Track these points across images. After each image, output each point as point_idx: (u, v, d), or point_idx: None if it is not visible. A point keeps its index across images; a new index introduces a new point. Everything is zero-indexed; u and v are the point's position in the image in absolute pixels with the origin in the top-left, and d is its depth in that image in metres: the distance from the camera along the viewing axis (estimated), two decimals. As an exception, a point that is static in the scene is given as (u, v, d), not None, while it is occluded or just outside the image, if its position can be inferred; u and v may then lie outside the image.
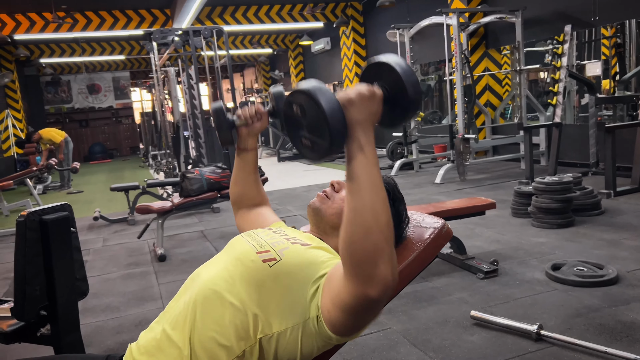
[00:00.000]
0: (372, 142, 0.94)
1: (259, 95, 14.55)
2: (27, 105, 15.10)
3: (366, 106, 0.93)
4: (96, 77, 17.32)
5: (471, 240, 3.87)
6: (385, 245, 0.89)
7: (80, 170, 12.91)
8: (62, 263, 1.82)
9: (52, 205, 1.84)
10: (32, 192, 7.24)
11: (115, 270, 3.94)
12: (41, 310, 1.79)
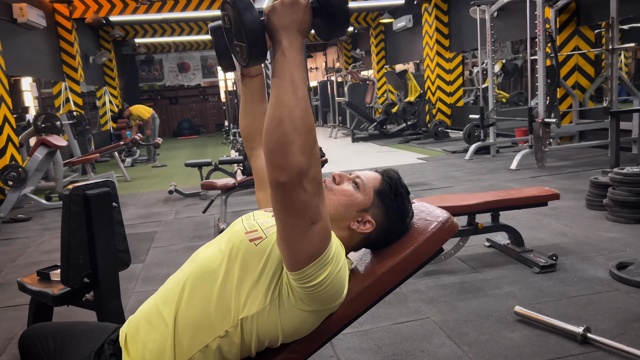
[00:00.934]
0: (296, 46, 0.99)
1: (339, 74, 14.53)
2: (123, 82, 16.15)
3: (288, 12, 0.99)
4: (186, 56, 18.12)
5: (535, 231, 3.66)
6: (296, 137, 0.95)
7: (168, 145, 13.72)
8: (103, 235, 1.96)
9: (96, 181, 1.98)
10: (119, 165, 7.78)
11: (179, 242, 4.16)
12: (84, 278, 1.95)
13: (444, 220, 1.26)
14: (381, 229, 1.27)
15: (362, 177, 1.30)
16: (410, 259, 1.23)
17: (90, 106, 12.53)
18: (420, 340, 2.29)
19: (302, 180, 0.96)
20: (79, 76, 10.32)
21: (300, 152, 0.95)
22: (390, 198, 1.27)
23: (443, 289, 2.83)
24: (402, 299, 2.74)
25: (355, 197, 1.26)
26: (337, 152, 9.46)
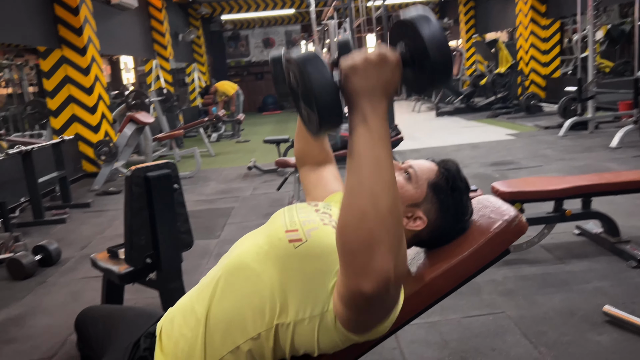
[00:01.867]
0: (380, 114, 0.82)
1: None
2: (212, 59, 16.63)
3: (374, 73, 0.81)
4: (271, 31, 18.28)
5: (634, 219, 3.29)
6: (384, 234, 0.78)
7: (252, 120, 14.00)
8: (164, 216, 1.97)
9: (157, 163, 1.98)
10: (204, 140, 8.03)
11: (253, 219, 4.21)
12: (147, 258, 1.98)
13: (511, 219, 1.09)
14: (434, 227, 1.13)
15: (416, 167, 1.16)
16: (468, 263, 1.09)
17: (180, 83, 13.05)
18: (492, 337, 2.12)
19: (389, 286, 0.80)
20: (168, 54, 10.73)
21: (389, 252, 0.78)
22: (446, 193, 1.13)
23: (522, 280, 2.61)
24: (476, 290, 2.56)
25: (405, 189, 1.13)
26: (419, 127, 9.15)
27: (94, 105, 6.70)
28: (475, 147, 6.61)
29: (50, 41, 6.40)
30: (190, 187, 5.71)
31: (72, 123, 6.71)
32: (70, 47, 6.56)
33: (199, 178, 6.19)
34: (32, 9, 6.02)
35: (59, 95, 6.63)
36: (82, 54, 6.58)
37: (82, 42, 6.56)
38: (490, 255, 1.09)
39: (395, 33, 0.88)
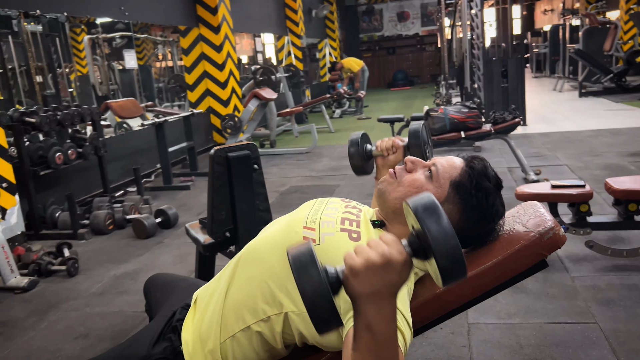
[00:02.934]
0: (386, 317, 0.75)
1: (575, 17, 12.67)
2: (344, 34, 16.77)
3: (377, 277, 0.73)
4: (406, 4, 17.87)
5: None
6: None
7: (379, 96, 13.94)
8: (243, 194, 2.09)
9: (239, 144, 2.10)
10: (325, 117, 8.21)
11: (355, 197, 4.20)
12: (226, 232, 2.12)
13: (544, 231, 1.00)
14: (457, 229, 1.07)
15: (439, 164, 1.12)
16: (492, 273, 1.02)
17: (311, 58, 13.37)
18: (575, 349, 1.95)
19: None
20: (300, 30, 11.04)
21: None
22: (470, 193, 1.07)
23: (628, 290, 2.34)
24: (570, 294, 2.36)
25: (425, 188, 1.09)
26: (557, 108, 8.42)
27: (225, 81, 7.17)
28: (615, 134, 5.93)
29: (189, 20, 6.94)
30: (304, 162, 5.91)
31: (206, 97, 7.26)
32: (206, 26, 7.06)
33: (314, 154, 6.37)
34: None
35: (195, 70, 7.20)
36: (216, 32, 7.05)
37: (217, 21, 7.02)
38: (517, 268, 1.02)
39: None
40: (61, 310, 2.68)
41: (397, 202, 1.11)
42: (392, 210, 1.13)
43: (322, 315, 0.72)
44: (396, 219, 1.12)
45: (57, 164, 3.89)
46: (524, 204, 1.16)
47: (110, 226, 3.88)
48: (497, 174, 1.13)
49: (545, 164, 4.78)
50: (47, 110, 4.00)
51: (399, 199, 1.11)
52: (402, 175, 1.14)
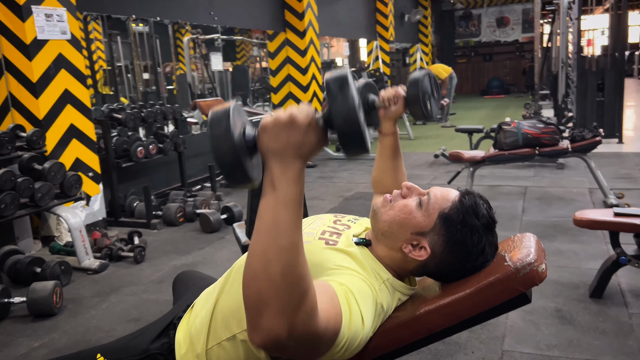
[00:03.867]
0: (290, 176, 0.81)
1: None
2: (439, 39, 16.43)
3: (282, 134, 0.80)
4: (506, 9, 17.16)
5: None
6: (273, 297, 0.78)
7: (470, 104, 13.52)
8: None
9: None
10: (405, 123, 8.13)
11: (418, 209, 4.18)
12: (263, 235, 2.20)
13: (521, 266, 0.96)
14: (440, 261, 1.08)
15: (432, 194, 1.11)
16: (463, 304, 1.00)
17: (401, 63, 13.26)
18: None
19: (283, 345, 0.80)
20: (389, 35, 11.00)
21: (279, 315, 0.78)
22: (456, 227, 1.05)
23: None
24: (625, 331, 2.19)
25: (413, 215, 1.09)
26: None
27: (307, 84, 7.34)
28: None
29: (276, 25, 7.19)
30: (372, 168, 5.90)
31: (288, 99, 7.48)
32: (293, 31, 7.27)
33: (388, 160, 6.33)
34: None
35: (280, 73, 7.44)
36: (302, 36, 7.24)
37: (303, 26, 7.21)
38: (491, 301, 0.99)
39: None
40: (122, 293, 2.91)
41: (386, 225, 1.12)
42: (381, 233, 1.14)
43: (226, 157, 0.80)
44: (383, 242, 1.13)
45: (139, 157, 4.22)
46: (520, 234, 1.12)
47: (180, 218, 4.14)
48: (491, 213, 1.09)
49: (633, 187, 4.41)
50: (133, 108, 4.34)
51: (387, 223, 1.12)
52: (396, 199, 1.14)
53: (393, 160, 1.46)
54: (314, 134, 0.82)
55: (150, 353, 1.21)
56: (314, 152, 0.84)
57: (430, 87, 1.38)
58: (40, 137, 3.40)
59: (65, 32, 3.69)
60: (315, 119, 0.82)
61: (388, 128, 1.42)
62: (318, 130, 0.82)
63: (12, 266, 3.05)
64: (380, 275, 1.10)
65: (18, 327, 2.58)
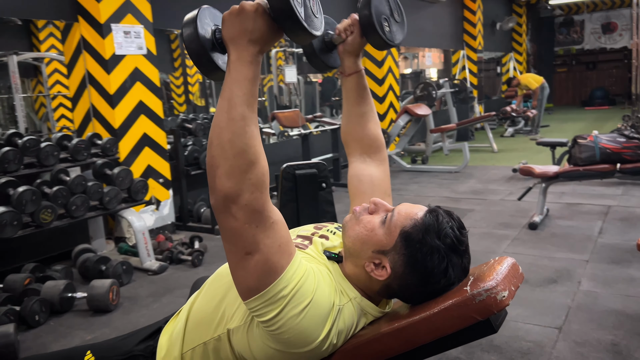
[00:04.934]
0: (244, 59, 0.92)
1: None
2: (535, 47, 15.58)
3: (237, 22, 0.92)
4: (613, 14, 15.89)
5: None
6: (222, 161, 0.89)
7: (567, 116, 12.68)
8: (308, 211, 2.15)
9: (308, 162, 2.17)
10: (488, 135, 7.78)
11: (482, 227, 3.98)
12: (291, 245, 2.21)
13: (477, 292, 0.88)
14: (401, 282, 1.01)
15: (397, 211, 1.05)
16: (419, 329, 0.94)
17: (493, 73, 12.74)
18: None
19: (230, 206, 0.91)
20: (477, 44, 10.62)
21: (226, 176, 0.90)
22: (415, 246, 0.99)
23: None
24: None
25: (375, 233, 1.04)
26: None
27: (384, 95, 7.28)
28: None
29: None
30: (449, 182, 5.70)
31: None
32: (370, 42, 7.26)
33: (462, 174, 6.10)
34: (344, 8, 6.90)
35: (357, 84, 7.44)
36: (379, 47, 7.20)
37: (381, 37, 7.17)
38: (447, 327, 0.91)
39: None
40: (174, 295, 3.05)
41: (350, 241, 1.08)
42: (347, 248, 1.10)
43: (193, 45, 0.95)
44: (349, 259, 1.09)
45: (207, 165, 4.41)
46: (499, 258, 1.02)
47: (243, 226, 4.26)
48: (457, 234, 1.00)
49: None
50: (204, 118, 4.56)
51: (351, 239, 1.07)
52: (362, 214, 1.10)
53: (360, 105, 1.30)
54: (262, 20, 0.91)
55: (133, 354, 1.26)
56: (267, 39, 0.93)
57: (388, 6, 1.22)
58: (114, 144, 3.67)
59: (142, 48, 3.97)
60: (261, 6, 0.91)
61: (349, 66, 1.26)
62: (266, 17, 0.91)
63: (83, 263, 3.31)
64: (347, 293, 1.06)
65: (77, 320, 2.79)
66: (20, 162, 3.06)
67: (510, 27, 12.61)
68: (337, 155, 5.83)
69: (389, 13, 1.22)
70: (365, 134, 1.32)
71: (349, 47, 1.24)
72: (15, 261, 3.34)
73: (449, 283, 0.98)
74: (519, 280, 0.95)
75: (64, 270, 3.26)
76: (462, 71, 10.49)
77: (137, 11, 3.92)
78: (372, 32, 1.17)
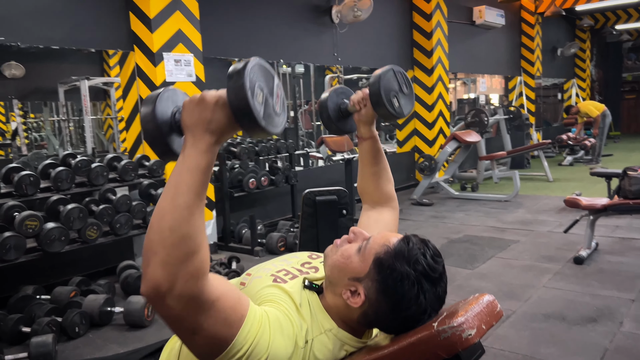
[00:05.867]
0: (199, 147, 0.91)
1: None
2: (601, 73, 14.97)
3: (194, 111, 0.92)
4: (688, 38, 15.05)
5: None
6: (160, 248, 0.85)
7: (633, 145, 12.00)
8: (327, 237, 2.17)
9: (329, 189, 2.20)
10: (543, 164, 7.52)
11: (525, 259, 3.84)
12: (312, 271, 2.23)
13: (442, 329, 0.88)
14: (376, 310, 1.02)
15: (372, 238, 1.07)
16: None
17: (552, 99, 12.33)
18: None
19: (163, 297, 0.85)
20: (535, 70, 10.35)
21: (161, 266, 0.85)
22: (386, 272, 0.99)
23: None
24: None
25: (351, 260, 1.06)
26: None
27: (433, 121, 7.22)
28: None
29: (404, 63, 7.24)
30: (496, 211, 5.54)
31: (412, 136, 7.42)
32: (420, 68, 7.26)
33: (512, 203, 5.91)
34: (395, 36, 6.96)
35: (406, 110, 7.43)
36: (429, 74, 7.18)
37: (431, 64, 7.16)
38: (411, 364, 0.90)
39: None
40: (206, 314, 3.13)
41: (329, 270, 1.10)
42: (327, 277, 1.11)
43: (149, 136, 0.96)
44: (329, 288, 1.10)
45: (250, 188, 4.53)
46: (479, 295, 1.00)
47: (281, 247, 4.32)
48: (431, 262, 1.00)
49: None
50: (249, 143, 4.70)
51: (330, 267, 1.09)
52: (342, 244, 1.12)
53: (373, 165, 1.43)
54: (221, 113, 0.91)
55: (137, 365, 1.32)
56: (224, 131, 0.92)
57: (396, 82, 1.30)
58: (160, 166, 3.85)
59: (191, 75, 4.17)
60: (222, 99, 0.92)
61: (364, 132, 1.40)
62: (226, 110, 0.91)
63: (125, 279, 3.47)
64: (323, 324, 1.07)
65: (114, 334, 2.92)
66: (72, 181, 3.27)
67: (572, 52, 12.20)
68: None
69: (397, 88, 1.30)
70: (379, 192, 1.44)
71: (363, 117, 1.37)
72: (65, 274, 3.55)
73: (420, 311, 0.97)
74: (493, 319, 0.93)
75: (107, 285, 3.42)
76: (519, 97, 10.24)
77: (188, 41, 4.14)
78: (382, 108, 1.27)
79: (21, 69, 6.61)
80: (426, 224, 5.13)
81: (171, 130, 0.97)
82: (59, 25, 3.63)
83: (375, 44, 6.63)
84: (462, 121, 7.64)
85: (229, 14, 4.69)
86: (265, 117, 0.91)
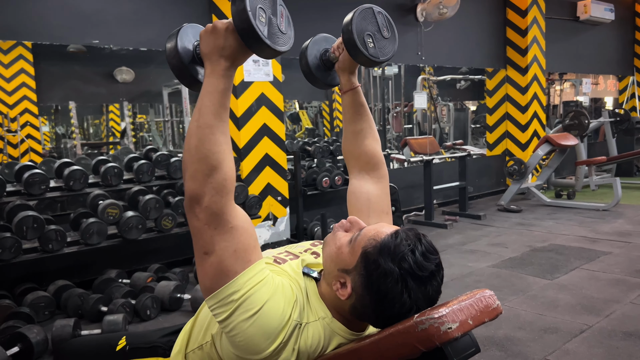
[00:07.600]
0: (217, 72, 0.99)
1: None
2: None
3: (210, 40, 1.00)
4: None
5: None
6: (189, 164, 0.97)
7: None
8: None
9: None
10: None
11: (615, 272, 3.48)
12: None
13: (420, 320, 0.82)
14: (362, 303, 0.97)
15: (364, 230, 1.03)
16: (367, 352, 0.89)
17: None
18: None
19: (194, 206, 0.97)
20: (651, 68, 9.40)
21: (191, 179, 0.97)
22: (371, 267, 0.95)
23: None
24: None
25: (341, 251, 1.03)
26: None
27: (527, 123, 6.80)
28: None
29: (496, 63, 6.90)
30: (592, 220, 5.10)
31: (504, 139, 7.04)
32: (514, 67, 6.87)
33: (611, 212, 5.41)
34: (485, 34, 6.67)
35: (497, 112, 7.08)
36: (523, 73, 6.78)
37: (525, 62, 6.75)
38: (392, 355, 0.86)
39: None
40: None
41: (323, 259, 1.07)
42: (323, 266, 1.09)
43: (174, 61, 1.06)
44: (324, 277, 1.08)
45: (324, 187, 4.56)
46: (478, 290, 0.92)
47: (352, 248, 4.30)
48: (419, 259, 0.94)
49: None
50: (324, 142, 4.73)
51: (327, 257, 1.07)
52: (337, 232, 1.09)
53: (357, 122, 1.30)
54: (232, 38, 0.99)
55: (155, 345, 1.38)
56: (237, 55, 1.00)
57: (375, 23, 1.19)
58: (236, 163, 3.99)
59: (269, 75, 4.29)
60: (232, 25, 0.98)
61: (345, 83, 1.27)
62: (236, 35, 0.98)
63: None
64: (317, 312, 1.05)
65: (181, 319, 3.06)
66: (152, 173, 3.50)
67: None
68: (464, 184, 5.58)
69: (374, 29, 1.19)
70: (362, 151, 1.31)
71: (342, 64, 1.25)
72: (146, 262, 3.79)
73: (405, 310, 0.92)
74: (486, 315, 0.85)
75: (181, 273, 3.61)
76: (631, 99, 9.35)
77: (266, 41, 4.26)
78: (354, 49, 1.16)
79: (131, 74, 7.20)
80: (510, 231, 4.84)
81: (194, 62, 1.06)
82: (149, 28, 3.90)
83: (464, 41, 6.38)
84: (561, 124, 7.11)
85: (308, 14, 4.76)
86: (269, 36, 0.96)
